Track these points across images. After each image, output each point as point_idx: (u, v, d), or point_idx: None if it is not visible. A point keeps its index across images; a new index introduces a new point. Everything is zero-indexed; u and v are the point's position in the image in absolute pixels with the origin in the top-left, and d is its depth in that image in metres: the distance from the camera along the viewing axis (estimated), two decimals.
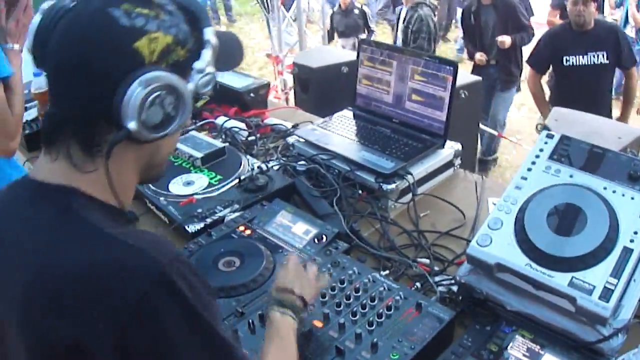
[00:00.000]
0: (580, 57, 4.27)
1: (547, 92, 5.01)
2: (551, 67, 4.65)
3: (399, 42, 5.65)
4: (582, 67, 4.29)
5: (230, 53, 1.20)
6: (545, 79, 5.02)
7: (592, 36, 4.25)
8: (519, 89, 5.70)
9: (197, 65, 0.99)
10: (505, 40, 5.03)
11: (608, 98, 4.58)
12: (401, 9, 5.79)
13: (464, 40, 5.79)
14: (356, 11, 7.09)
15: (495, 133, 5.52)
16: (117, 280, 0.85)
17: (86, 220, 0.92)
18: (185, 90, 0.96)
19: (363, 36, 6.98)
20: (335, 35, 7.30)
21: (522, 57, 5.32)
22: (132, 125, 0.91)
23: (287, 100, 6.61)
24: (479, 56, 5.28)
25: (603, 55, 4.23)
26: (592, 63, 4.26)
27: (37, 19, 0.96)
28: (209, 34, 1.01)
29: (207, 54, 1.00)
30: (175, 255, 0.91)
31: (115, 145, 0.92)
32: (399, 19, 5.71)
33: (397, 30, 5.78)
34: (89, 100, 0.91)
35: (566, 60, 4.33)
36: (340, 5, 7.07)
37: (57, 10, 0.93)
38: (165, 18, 0.94)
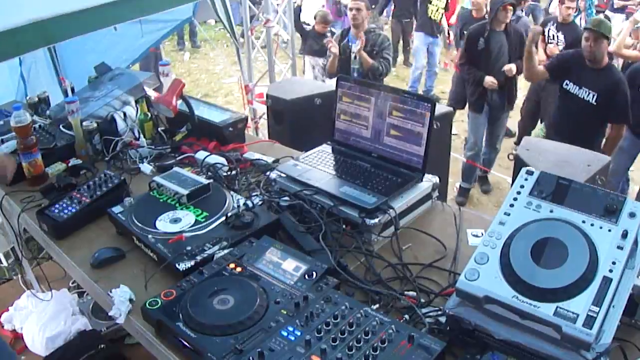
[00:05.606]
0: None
1: None
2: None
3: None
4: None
5: None
6: None
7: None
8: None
9: None
10: (512, 68, 5.22)
11: None
12: (347, 42, 5.44)
13: (463, 65, 5.63)
14: (328, 35, 7.42)
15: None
16: None
17: None
18: None
19: None
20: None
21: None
22: None
23: (257, 129, 6.64)
24: (491, 82, 5.29)
25: None
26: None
27: None
28: None
29: None
30: None
31: None
32: (351, 52, 5.36)
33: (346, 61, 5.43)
34: None
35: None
36: (315, 28, 7.32)
37: None
38: None
